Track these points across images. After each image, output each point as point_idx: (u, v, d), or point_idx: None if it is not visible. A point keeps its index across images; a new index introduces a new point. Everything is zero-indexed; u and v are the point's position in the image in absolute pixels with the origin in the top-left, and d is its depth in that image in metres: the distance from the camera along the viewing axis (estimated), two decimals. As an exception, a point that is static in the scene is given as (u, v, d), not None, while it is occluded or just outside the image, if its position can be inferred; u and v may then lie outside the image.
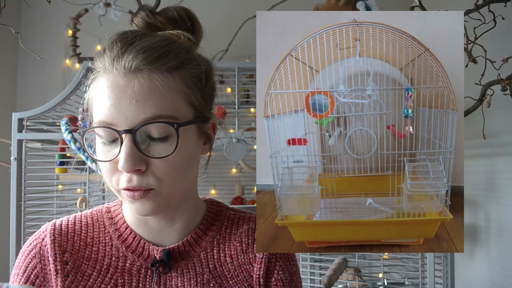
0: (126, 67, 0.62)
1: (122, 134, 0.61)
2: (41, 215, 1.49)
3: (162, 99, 0.62)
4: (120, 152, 0.61)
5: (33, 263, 0.69)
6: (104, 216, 0.75)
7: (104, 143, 0.64)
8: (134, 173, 0.62)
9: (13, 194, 1.44)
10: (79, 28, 1.93)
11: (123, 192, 0.64)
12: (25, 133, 1.46)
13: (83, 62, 1.49)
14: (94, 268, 0.70)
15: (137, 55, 0.62)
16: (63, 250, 0.70)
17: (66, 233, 0.71)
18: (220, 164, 1.99)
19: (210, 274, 0.72)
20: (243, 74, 1.68)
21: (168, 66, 0.64)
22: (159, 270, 0.71)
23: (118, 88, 0.62)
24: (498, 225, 1.40)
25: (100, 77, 0.65)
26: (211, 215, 0.76)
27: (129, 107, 0.61)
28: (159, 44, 0.65)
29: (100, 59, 0.65)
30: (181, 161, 0.64)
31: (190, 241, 0.72)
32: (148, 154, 0.62)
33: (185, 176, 0.67)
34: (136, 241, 0.72)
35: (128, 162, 0.60)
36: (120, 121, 0.61)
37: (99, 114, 0.63)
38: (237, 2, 2.28)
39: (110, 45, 0.65)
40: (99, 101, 0.64)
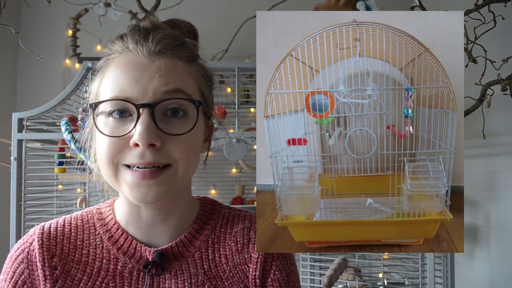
0: (150, 49, 0.64)
1: (140, 109, 0.60)
2: (41, 215, 1.49)
3: (182, 77, 0.65)
4: (136, 126, 0.60)
5: (21, 268, 0.68)
6: (94, 217, 0.73)
7: (114, 118, 0.62)
8: (148, 148, 0.60)
9: (13, 194, 1.44)
10: (79, 28, 1.93)
11: (126, 173, 0.62)
12: (25, 133, 1.46)
13: (83, 62, 1.49)
14: (84, 272, 0.68)
15: (162, 39, 0.65)
16: (51, 254, 0.68)
17: (55, 236, 0.70)
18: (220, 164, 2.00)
19: (204, 275, 0.70)
20: (243, 74, 1.68)
21: (187, 55, 0.67)
22: (152, 272, 0.69)
23: (140, 65, 0.63)
24: (498, 225, 1.40)
25: (116, 58, 0.66)
26: (205, 213, 0.74)
27: (151, 81, 0.62)
28: (178, 36, 0.68)
29: (117, 42, 0.66)
30: (194, 143, 0.65)
31: (184, 241, 0.70)
32: (165, 130, 0.61)
33: (195, 162, 0.67)
34: (127, 242, 0.70)
35: (146, 134, 0.59)
36: (140, 94, 0.61)
37: (114, 90, 0.62)
38: (237, 2, 2.28)
39: (131, 31, 0.67)
40: (115, 79, 0.63)
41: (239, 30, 2.11)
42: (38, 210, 1.50)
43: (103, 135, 0.62)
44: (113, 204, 0.74)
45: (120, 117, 0.62)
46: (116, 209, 0.73)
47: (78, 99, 1.51)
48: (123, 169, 0.63)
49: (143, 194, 0.62)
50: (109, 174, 0.64)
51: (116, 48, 0.66)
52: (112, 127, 0.62)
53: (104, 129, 0.62)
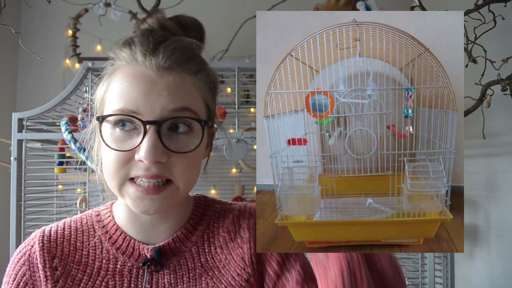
0: (160, 64, 0.63)
1: (146, 125, 0.60)
2: (41, 215, 1.49)
3: (190, 95, 0.64)
4: (142, 143, 0.60)
5: (22, 270, 0.69)
6: (93, 219, 0.74)
7: (120, 129, 0.62)
8: (154, 165, 0.61)
9: (13, 194, 1.44)
10: (79, 28, 1.93)
11: (130, 187, 0.63)
12: (25, 133, 1.46)
13: (83, 62, 1.49)
14: (84, 272, 0.70)
15: (172, 53, 0.64)
16: (52, 256, 0.70)
17: (55, 238, 0.71)
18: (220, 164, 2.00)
19: (202, 268, 0.72)
20: (243, 74, 1.68)
21: (196, 68, 0.66)
22: (151, 268, 0.70)
23: (149, 80, 0.62)
24: (498, 225, 1.40)
25: (123, 68, 0.64)
26: (200, 209, 0.76)
27: (159, 98, 0.61)
28: (188, 47, 0.67)
29: (125, 50, 0.65)
30: (197, 159, 0.66)
31: (180, 237, 0.72)
32: (170, 148, 0.62)
33: (197, 175, 0.68)
34: (126, 241, 0.71)
35: (151, 153, 0.60)
36: (147, 110, 0.61)
37: (119, 103, 0.62)
38: (237, 2, 2.28)
39: (140, 38, 0.65)
40: (121, 90, 0.62)
41: (239, 30, 2.11)
42: (38, 210, 1.50)
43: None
44: (111, 207, 0.76)
45: (126, 129, 0.62)
46: (114, 211, 0.75)
47: (78, 99, 1.51)
48: (127, 183, 0.63)
49: (145, 207, 0.64)
50: (114, 185, 0.64)
51: (123, 56, 0.65)
52: (118, 140, 0.62)
53: (110, 140, 0.62)
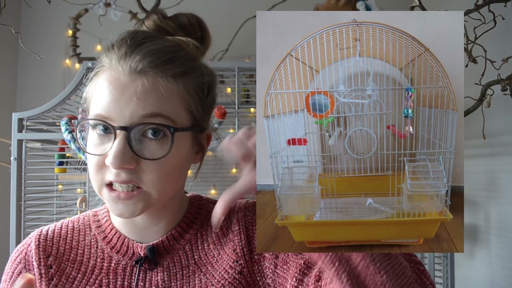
0: (132, 67, 0.62)
1: (116, 130, 0.61)
2: (41, 215, 1.49)
3: (162, 100, 0.62)
4: (111, 148, 0.61)
5: (18, 268, 0.71)
6: (90, 219, 0.75)
7: (98, 134, 0.63)
8: (122, 170, 0.62)
9: (13, 194, 1.44)
10: (79, 28, 1.93)
11: (106, 191, 0.64)
12: (25, 133, 1.46)
13: (83, 62, 1.49)
14: (79, 271, 0.71)
15: (145, 57, 0.63)
16: (47, 254, 0.71)
17: (51, 238, 0.72)
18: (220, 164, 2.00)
19: (195, 265, 0.72)
20: (243, 74, 1.68)
21: (173, 72, 0.64)
22: (144, 266, 0.70)
23: (120, 85, 0.62)
24: (498, 225, 1.40)
25: (104, 72, 0.65)
26: (194, 209, 0.76)
27: (128, 104, 0.61)
28: (168, 49, 0.65)
29: (107, 55, 0.65)
30: (172, 166, 0.64)
31: (174, 235, 0.72)
32: (139, 154, 0.62)
33: (174, 182, 0.67)
34: (120, 240, 0.72)
35: (118, 158, 0.60)
36: (118, 116, 0.61)
37: (97, 108, 0.63)
38: (237, 2, 2.28)
39: (119, 42, 0.65)
40: (99, 95, 0.63)
41: (239, 30, 2.11)
42: (38, 210, 1.50)
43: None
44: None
45: (104, 133, 0.63)
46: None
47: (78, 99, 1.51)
48: (104, 187, 0.64)
49: (120, 211, 0.64)
50: (95, 188, 0.66)
51: (104, 60, 0.65)
52: (95, 144, 0.63)
53: (89, 144, 0.64)
